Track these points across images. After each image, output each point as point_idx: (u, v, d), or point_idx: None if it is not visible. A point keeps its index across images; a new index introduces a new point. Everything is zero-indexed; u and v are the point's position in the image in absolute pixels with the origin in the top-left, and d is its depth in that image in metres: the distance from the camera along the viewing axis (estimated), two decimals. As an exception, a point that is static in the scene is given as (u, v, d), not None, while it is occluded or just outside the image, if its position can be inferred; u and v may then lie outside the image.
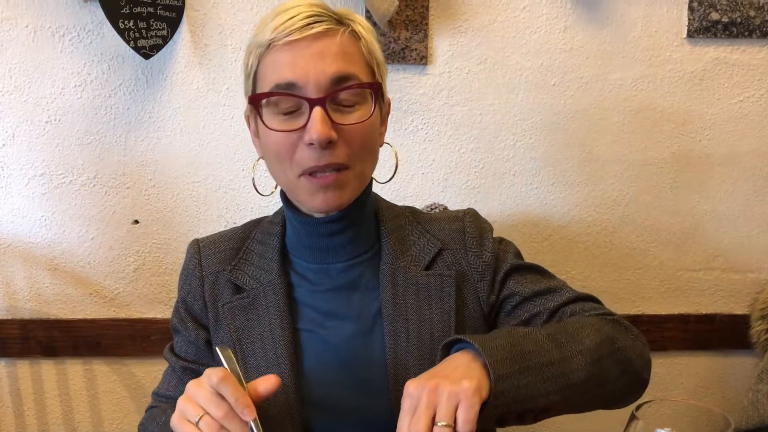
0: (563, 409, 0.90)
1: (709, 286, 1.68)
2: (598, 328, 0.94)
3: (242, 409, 0.82)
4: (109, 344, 1.63)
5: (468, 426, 0.77)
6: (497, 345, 0.83)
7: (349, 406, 1.02)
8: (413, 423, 0.77)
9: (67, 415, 1.66)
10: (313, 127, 0.92)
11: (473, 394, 0.78)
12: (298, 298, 1.05)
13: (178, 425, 0.84)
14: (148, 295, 1.62)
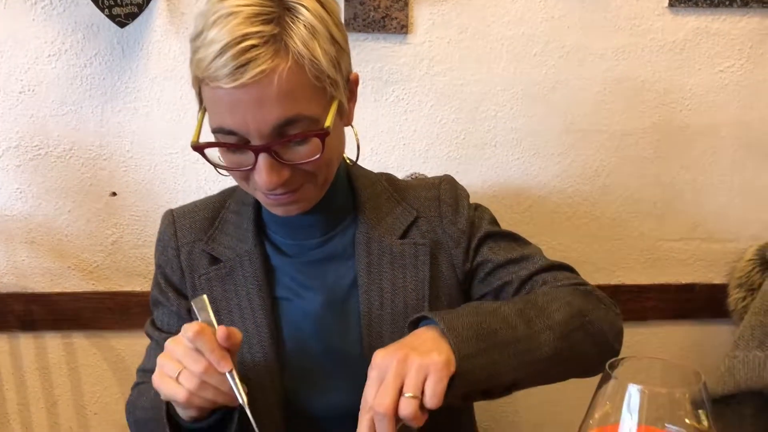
0: (531, 383, 0.90)
1: (688, 256, 1.69)
2: (569, 301, 0.93)
3: (218, 361, 0.82)
4: (89, 318, 1.62)
5: (435, 399, 0.76)
6: (463, 323, 0.83)
7: (327, 374, 1.02)
8: (380, 393, 0.77)
9: (47, 389, 1.65)
10: (260, 178, 0.88)
11: (442, 368, 0.77)
12: (275, 266, 1.04)
13: (159, 382, 0.84)
14: (127, 268, 1.61)
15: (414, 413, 0.76)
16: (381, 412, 0.76)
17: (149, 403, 0.98)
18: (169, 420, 0.90)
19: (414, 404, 0.76)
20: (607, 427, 0.67)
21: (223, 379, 0.83)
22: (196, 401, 0.83)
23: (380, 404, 0.76)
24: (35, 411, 1.66)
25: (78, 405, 1.67)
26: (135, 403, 1.04)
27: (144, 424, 0.99)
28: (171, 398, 0.85)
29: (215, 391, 0.83)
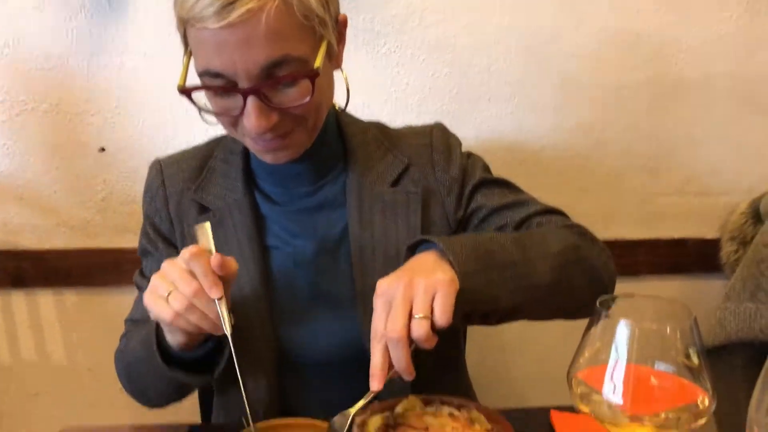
0: (527, 312, 0.91)
1: (681, 210, 1.69)
2: (564, 237, 0.94)
3: (209, 287, 0.82)
4: (80, 274, 1.61)
5: (446, 316, 0.76)
6: (462, 244, 0.83)
7: (319, 321, 1.02)
8: (391, 320, 0.76)
9: (40, 345, 1.65)
10: (249, 122, 0.86)
11: (449, 285, 0.77)
12: (264, 214, 1.04)
13: (149, 301, 0.84)
14: (117, 225, 1.60)
15: (427, 334, 0.76)
16: (395, 338, 0.75)
17: (139, 343, 0.97)
18: (160, 350, 0.90)
19: (426, 325, 0.76)
20: (597, 366, 0.66)
21: (212, 306, 0.82)
22: (181, 323, 0.83)
23: (393, 329, 0.75)
24: (27, 367, 1.66)
25: (71, 361, 1.67)
26: (124, 349, 1.04)
27: (135, 365, 0.98)
28: (158, 317, 0.85)
29: (201, 316, 0.82)
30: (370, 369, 0.78)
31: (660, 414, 0.62)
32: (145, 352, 0.93)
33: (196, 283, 0.82)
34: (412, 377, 0.78)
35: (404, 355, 0.76)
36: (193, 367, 0.92)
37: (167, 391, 0.99)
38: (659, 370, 0.64)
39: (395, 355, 0.77)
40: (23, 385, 1.67)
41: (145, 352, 0.93)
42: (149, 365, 0.92)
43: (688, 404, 0.63)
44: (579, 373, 0.66)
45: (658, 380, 0.64)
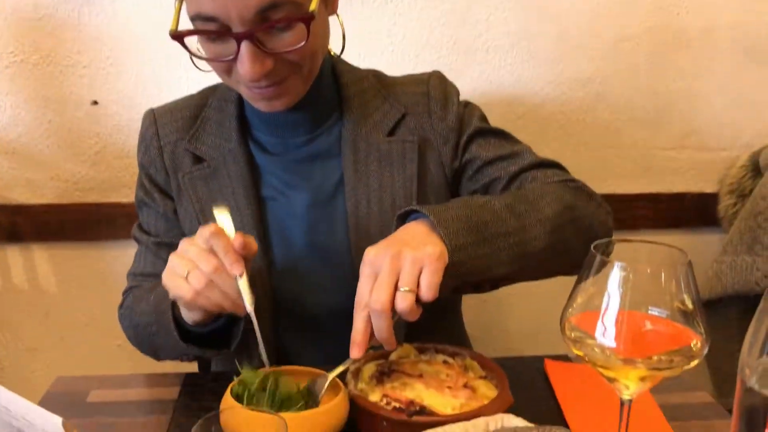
0: (520, 278, 0.90)
1: (680, 165, 1.67)
2: (559, 196, 0.92)
3: (231, 264, 0.81)
4: (75, 229, 1.60)
5: (431, 291, 0.76)
6: (453, 216, 0.81)
7: (314, 273, 1.01)
8: (376, 289, 0.76)
9: (37, 300, 1.65)
10: (243, 68, 0.85)
11: (437, 260, 0.76)
12: (259, 165, 1.02)
13: (168, 280, 0.83)
14: (111, 179, 1.58)
15: (410, 307, 0.75)
16: (378, 309, 0.75)
17: (150, 307, 0.97)
18: (176, 324, 0.90)
19: (410, 298, 0.75)
20: (591, 312, 0.66)
21: (232, 283, 0.81)
22: (201, 301, 0.82)
23: (377, 300, 0.75)
24: (27, 322, 1.66)
25: (69, 316, 1.67)
26: (132, 307, 1.03)
27: (144, 328, 0.98)
28: (177, 296, 0.84)
29: (221, 294, 0.82)
30: (351, 336, 0.78)
31: (653, 357, 0.62)
32: (157, 323, 0.93)
33: (216, 261, 0.81)
34: (392, 348, 0.79)
35: (386, 327, 0.76)
36: (209, 342, 0.92)
37: (179, 357, 0.99)
38: (653, 314, 0.64)
39: (377, 326, 0.76)
40: (21, 340, 1.68)
41: (158, 324, 0.93)
42: (166, 339, 0.92)
43: (682, 348, 0.63)
44: (572, 318, 0.66)
45: (652, 324, 0.64)
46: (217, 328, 0.90)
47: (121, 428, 0.84)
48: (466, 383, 0.83)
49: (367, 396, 0.80)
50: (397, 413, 0.76)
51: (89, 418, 0.85)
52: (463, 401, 0.78)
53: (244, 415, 0.71)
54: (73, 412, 0.85)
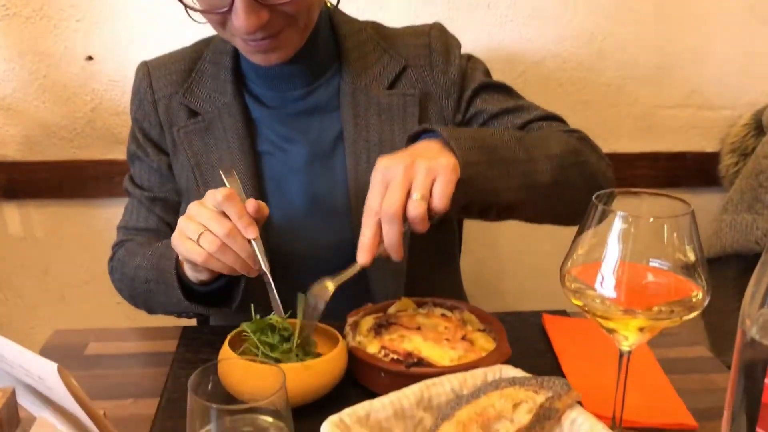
0: (525, 210, 0.90)
1: (682, 123, 1.66)
2: (565, 140, 0.92)
3: (245, 227, 0.80)
4: (72, 186, 1.59)
5: (444, 201, 0.75)
6: (465, 135, 0.81)
7: (312, 229, 1.01)
8: (388, 195, 0.75)
9: (35, 258, 1.65)
10: (238, 20, 0.83)
11: (451, 171, 0.76)
12: (255, 119, 1.01)
13: (179, 243, 0.83)
14: (108, 136, 1.57)
15: (422, 215, 0.75)
16: (391, 213, 0.74)
17: (148, 263, 0.96)
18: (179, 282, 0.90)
19: (422, 206, 0.75)
20: (591, 264, 0.65)
21: (244, 245, 0.81)
22: (213, 264, 0.81)
23: (389, 205, 0.74)
24: (26, 280, 1.66)
25: (68, 274, 1.67)
26: (125, 261, 1.02)
27: (141, 284, 0.98)
28: (188, 259, 0.83)
29: (234, 257, 0.81)
30: (359, 243, 0.77)
31: (653, 308, 0.62)
32: (156, 280, 0.93)
33: (229, 224, 0.80)
34: (400, 258, 0.77)
35: (396, 234, 0.75)
36: (212, 300, 0.92)
37: (177, 314, 0.99)
38: (654, 266, 0.64)
39: (388, 232, 0.75)
40: (20, 297, 1.68)
41: (157, 281, 0.92)
42: (166, 295, 0.92)
43: (682, 299, 0.62)
44: (573, 269, 0.66)
45: (653, 276, 0.63)
46: (220, 286, 0.90)
47: (119, 380, 0.84)
48: (464, 336, 0.83)
49: (365, 348, 0.80)
50: (395, 364, 0.76)
51: (87, 370, 0.85)
52: (461, 353, 0.78)
53: (241, 366, 0.71)
54: (71, 365, 0.85)
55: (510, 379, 0.64)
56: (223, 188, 0.82)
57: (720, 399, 0.77)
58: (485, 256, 1.72)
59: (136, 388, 0.82)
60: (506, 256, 1.73)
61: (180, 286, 0.89)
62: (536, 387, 0.63)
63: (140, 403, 0.79)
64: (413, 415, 0.64)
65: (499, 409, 0.62)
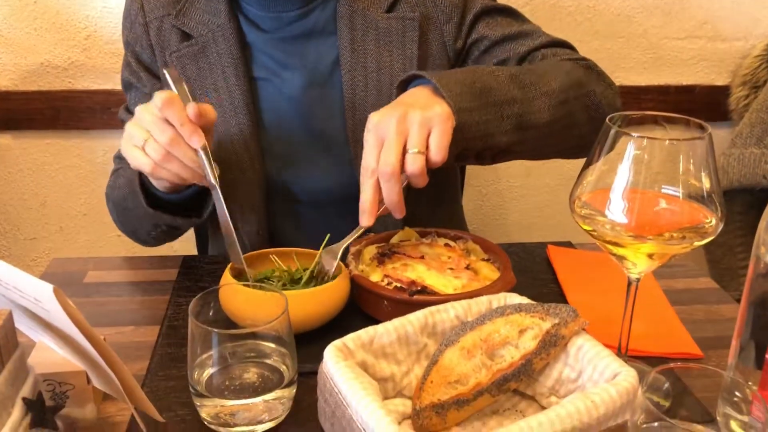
0: (523, 151, 0.87)
1: (692, 55, 1.61)
2: (568, 71, 0.88)
3: (189, 136, 0.77)
4: (68, 117, 1.56)
5: (442, 152, 0.73)
6: (457, 80, 0.78)
7: (309, 157, 0.98)
8: (384, 153, 0.73)
9: (34, 190, 1.63)
10: None
11: (446, 120, 0.74)
12: (250, 42, 0.97)
13: (126, 150, 0.81)
14: (103, 65, 1.53)
15: (421, 168, 0.73)
16: (388, 171, 0.72)
17: (125, 185, 0.95)
18: (144, 191, 0.88)
19: (421, 159, 0.73)
20: (601, 190, 0.64)
21: (190, 154, 0.78)
22: (162, 173, 0.79)
23: (386, 163, 0.72)
24: (24, 212, 1.65)
25: (67, 205, 1.65)
26: (113, 185, 1.01)
27: (122, 202, 0.96)
28: (137, 168, 0.81)
29: (180, 165, 0.78)
30: (359, 205, 0.76)
31: (664, 234, 0.60)
32: (131, 196, 0.91)
33: (171, 131, 0.77)
34: (402, 215, 0.76)
35: (396, 191, 0.74)
36: (180, 209, 0.90)
37: (156, 231, 0.97)
38: (667, 193, 0.62)
39: (387, 190, 0.74)
40: (19, 230, 1.67)
41: (131, 195, 0.90)
42: (136, 208, 0.90)
43: (695, 225, 0.61)
44: (583, 195, 0.64)
45: (666, 203, 0.61)
46: (187, 196, 0.88)
47: (119, 308, 0.83)
48: (468, 265, 0.82)
49: (368, 277, 0.79)
50: (398, 292, 0.75)
51: (86, 298, 0.84)
52: (465, 282, 0.77)
53: (243, 292, 0.70)
54: (70, 292, 0.83)
55: (515, 305, 0.63)
56: (163, 92, 0.78)
57: (726, 329, 0.77)
58: (488, 191, 1.70)
59: (137, 316, 0.81)
60: (509, 192, 1.72)
61: (147, 195, 0.87)
62: (542, 313, 0.62)
63: (141, 330, 0.78)
64: (417, 341, 0.63)
65: (504, 335, 0.61)
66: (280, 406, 0.64)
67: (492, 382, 0.59)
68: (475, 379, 0.60)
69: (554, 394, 0.62)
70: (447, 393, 0.59)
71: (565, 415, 0.52)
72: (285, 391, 0.64)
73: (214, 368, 0.64)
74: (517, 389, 0.64)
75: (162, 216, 0.89)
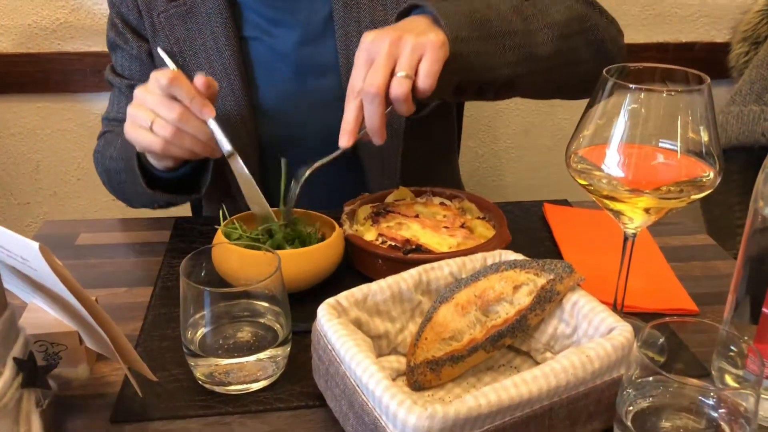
0: (525, 86, 0.86)
1: (693, 11, 1.59)
2: (570, 6, 0.87)
3: (200, 109, 0.76)
4: (58, 80, 1.54)
5: (430, 79, 0.72)
6: (456, 10, 0.77)
7: (303, 116, 0.97)
8: (371, 73, 0.71)
9: (26, 154, 1.61)
10: None
11: (439, 48, 0.72)
12: (239, 2, 0.95)
13: (133, 134, 0.79)
14: (92, 26, 1.50)
15: (405, 94, 0.71)
16: (372, 92, 0.71)
17: (118, 153, 0.93)
18: (142, 170, 0.87)
19: (407, 84, 0.71)
20: (598, 145, 0.62)
21: (201, 127, 0.77)
22: (173, 150, 0.78)
23: (371, 84, 0.71)
24: (17, 177, 1.63)
25: (59, 171, 1.64)
26: (103, 152, 1.00)
27: (115, 174, 0.95)
28: (146, 149, 0.80)
29: (192, 140, 0.77)
30: (341, 125, 0.74)
31: (661, 188, 0.59)
32: (127, 173, 0.89)
33: (179, 107, 0.76)
34: (382, 140, 0.74)
35: (379, 114, 0.72)
36: (178, 187, 0.89)
37: (150, 204, 0.97)
38: (665, 147, 0.61)
39: (369, 112, 0.72)
40: (13, 195, 1.66)
41: (128, 174, 0.89)
42: (134, 186, 0.88)
43: (692, 179, 0.60)
44: (580, 150, 0.63)
45: (663, 157, 0.60)
46: (186, 173, 0.87)
47: (112, 269, 0.82)
48: (464, 224, 0.81)
49: (363, 236, 0.78)
50: (392, 251, 0.74)
51: (78, 260, 0.84)
52: (460, 240, 0.77)
53: (236, 252, 0.70)
54: (62, 255, 0.82)
55: (510, 261, 0.63)
56: (167, 69, 0.77)
57: (722, 285, 0.77)
58: (485, 152, 1.69)
59: (129, 277, 0.80)
60: (506, 153, 1.70)
61: (144, 174, 0.86)
62: (537, 269, 0.61)
63: (134, 291, 0.77)
64: (411, 298, 0.63)
65: (498, 291, 0.60)
66: (274, 364, 0.63)
67: (486, 338, 0.59)
68: (470, 335, 0.59)
69: (549, 350, 0.62)
70: (441, 349, 0.59)
71: (560, 369, 0.51)
72: (279, 349, 0.63)
73: (207, 328, 0.64)
74: (512, 345, 0.64)
75: (161, 195, 0.88)
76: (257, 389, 0.63)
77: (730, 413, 0.52)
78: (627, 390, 0.53)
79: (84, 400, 0.61)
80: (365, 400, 0.51)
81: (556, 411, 0.52)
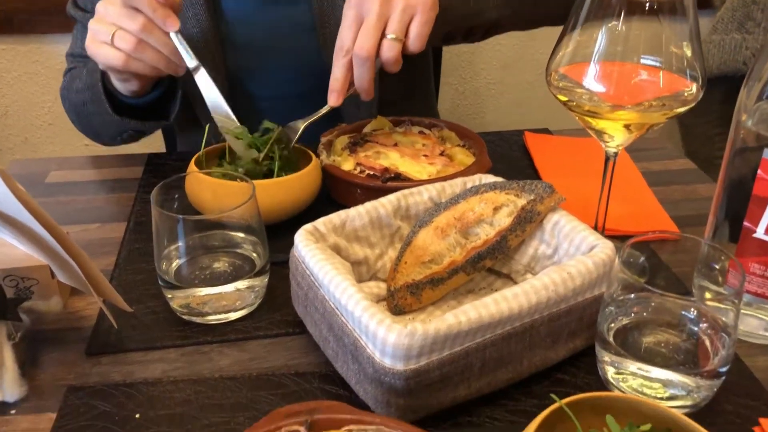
0: (513, 23, 0.85)
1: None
2: None
3: (163, 20, 0.74)
4: (23, 21, 1.48)
5: (420, 41, 0.72)
6: None
7: (275, 46, 0.94)
8: (362, 35, 0.71)
9: (-7, 99, 1.57)
10: None
11: (430, 9, 0.71)
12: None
13: (93, 49, 0.76)
14: (55, -38, 1.44)
15: (396, 56, 0.71)
16: (363, 55, 0.70)
17: (83, 83, 0.90)
18: (109, 96, 0.84)
19: (397, 47, 0.71)
20: (579, 63, 0.61)
21: (164, 39, 0.74)
22: (135, 65, 0.75)
23: (362, 47, 0.70)
24: (-15, 124, 1.59)
25: (29, 116, 1.60)
26: (69, 87, 0.96)
27: (82, 107, 0.92)
28: (107, 64, 0.77)
29: (154, 53, 0.75)
30: (329, 83, 0.74)
31: (643, 103, 0.58)
32: (94, 101, 0.86)
33: (142, 17, 0.73)
34: (370, 98, 0.75)
35: (369, 76, 0.72)
36: (147, 113, 0.86)
37: (122, 136, 0.94)
38: (646, 63, 0.59)
39: (359, 73, 0.72)
40: (-17, 142, 1.62)
41: (94, 101, 0.86)
42: (100, 114, 0.86)
43: (674, 93, 0.58)
44: (561, 67, 0.61)
45: (645, 74, 0.59)
46: (154, 97, 0.85)
47: (84, 205, 0.80)
48: (443, 151, 0.79)
49: (340, 166, 0.77)
50: (371, 180, 0.73)
51: (49, 197, 0.81)
52: (440, 168, 0.75)
53: (209, 181, 0.68)
54: (31, 193, 0.80)
55: (490, 183, 0.62)
56: None
57: (702, 207, 0.76)
58: (465, 89, 1.66)
59: (102, 213, 0.78)
60: (486, 89, 1.68)
61: (110, 100, 0.84)
62: (518, 191, 0.60)
63: (107, 227, 0.76)
64: (390, 223, 0.62)
65: (478, 213, 0.59)
66: (252, 294, 0.62)
67: (466, 260, 0.58)
68: (450, 258, 0.58)
69: (530, 272, 0.61)
70: (421, 272, 0.58)
71: (541, 286, 0.51)
72: (257, 279, 0.62)
73: (182, 259, 0.63)
74: (492, 268, 0.63)
75: (128, 122, 0.85)
76: (236, 318, 0.62)
77: (710, 327, 0.52)
78: (609, 307, 0.52)
79: (58, 334, 0.60)
80: (344, 322, 0.50)
81: (537, 328, 0.51)
